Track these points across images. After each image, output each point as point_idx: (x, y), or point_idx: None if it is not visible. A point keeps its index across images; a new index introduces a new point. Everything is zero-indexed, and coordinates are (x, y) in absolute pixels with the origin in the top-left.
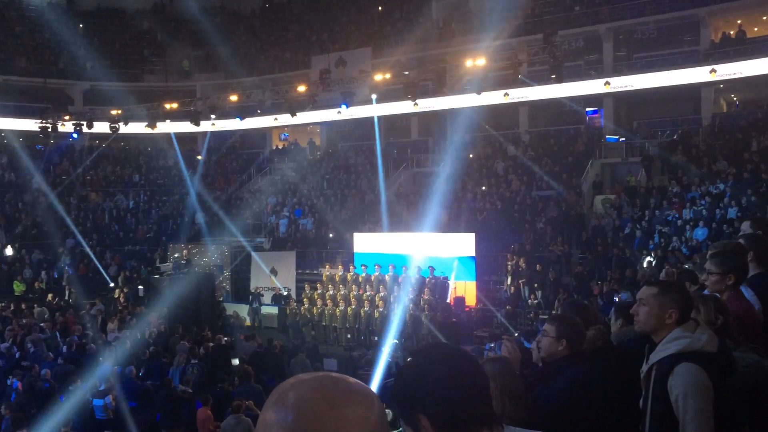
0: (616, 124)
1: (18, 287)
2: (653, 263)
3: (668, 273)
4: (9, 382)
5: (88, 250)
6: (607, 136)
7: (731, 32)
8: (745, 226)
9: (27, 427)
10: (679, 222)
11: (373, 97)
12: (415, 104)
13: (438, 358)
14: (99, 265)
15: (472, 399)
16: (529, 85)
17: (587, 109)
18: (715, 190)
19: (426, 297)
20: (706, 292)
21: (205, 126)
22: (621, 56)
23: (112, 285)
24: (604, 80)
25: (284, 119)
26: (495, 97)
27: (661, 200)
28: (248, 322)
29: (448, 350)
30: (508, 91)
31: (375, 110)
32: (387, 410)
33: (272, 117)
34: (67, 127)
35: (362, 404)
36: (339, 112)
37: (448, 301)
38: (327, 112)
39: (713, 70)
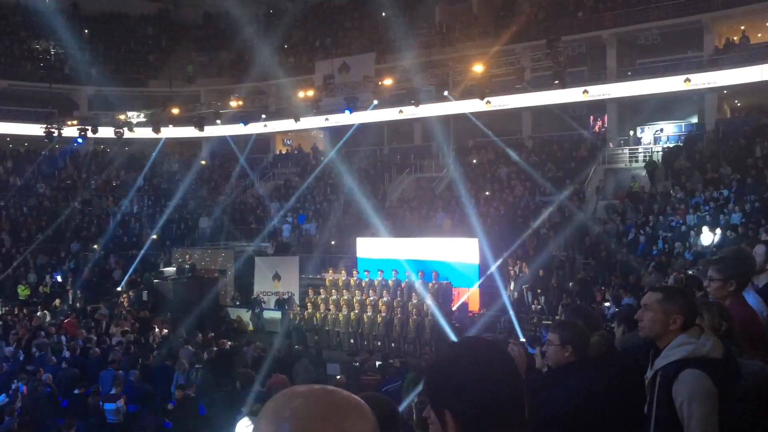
0: (620, 130)
1: (22, 291)
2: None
3: (676, 279)
4: (14, 386)
5: None
6: (610, 143)
7: (735, 38)
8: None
9: (31, 429)
10: (683, 228)
11: (374, 101)
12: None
13: (472, 356)
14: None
15: (501, 403)
16: (531, 90)
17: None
18: (719, 196)
19: (429, 302)
20: (710, 298)
21: (209, 131)
22: (624, 62)
23: (119, 289)
24: (605, 86)
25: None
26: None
27: (665, 206)
28: (251, 327)
29: (485, 349)
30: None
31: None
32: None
33: (276, 122)
34: (71, 131)
35: (357, 417)
36: (327, 119)
37: (451, 306)
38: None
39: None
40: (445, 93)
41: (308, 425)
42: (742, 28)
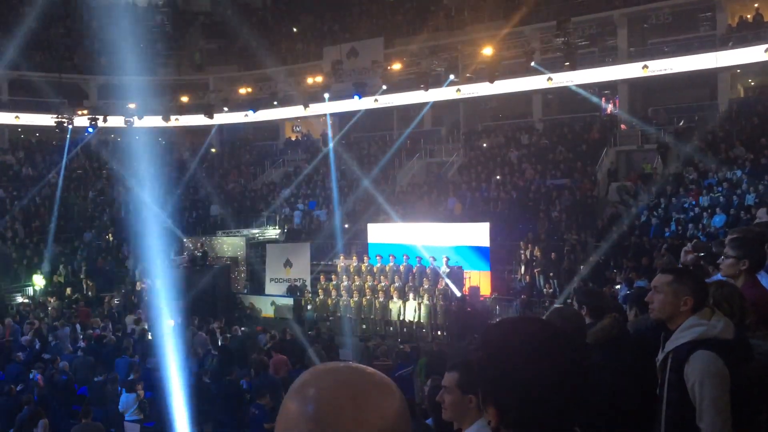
0: (632, 111)
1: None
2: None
3: (695, 247)
4: (31, 375)
5: None
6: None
7: (748, 16)
8: (761, 213)
9: (47, 418)
10: (696, 209)
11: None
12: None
13: (519, 341)
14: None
15: (556, 407)
16: (542, 72)
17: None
18: (732, 177)
19: (441, 287)
20: (719, 275)
21: (219, 118)
22: (635, 42)
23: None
24: (616, 67)
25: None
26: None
27: (678, 187)
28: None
29: (537, 332)
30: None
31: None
32: None
33: (285, 108)
34: (82, 121)
35: (383, 395)
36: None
37: (462, 290)
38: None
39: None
40: (452, 77)
41: (331, 405)
42: (756, 5)
